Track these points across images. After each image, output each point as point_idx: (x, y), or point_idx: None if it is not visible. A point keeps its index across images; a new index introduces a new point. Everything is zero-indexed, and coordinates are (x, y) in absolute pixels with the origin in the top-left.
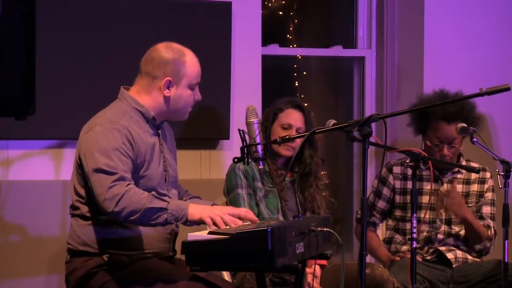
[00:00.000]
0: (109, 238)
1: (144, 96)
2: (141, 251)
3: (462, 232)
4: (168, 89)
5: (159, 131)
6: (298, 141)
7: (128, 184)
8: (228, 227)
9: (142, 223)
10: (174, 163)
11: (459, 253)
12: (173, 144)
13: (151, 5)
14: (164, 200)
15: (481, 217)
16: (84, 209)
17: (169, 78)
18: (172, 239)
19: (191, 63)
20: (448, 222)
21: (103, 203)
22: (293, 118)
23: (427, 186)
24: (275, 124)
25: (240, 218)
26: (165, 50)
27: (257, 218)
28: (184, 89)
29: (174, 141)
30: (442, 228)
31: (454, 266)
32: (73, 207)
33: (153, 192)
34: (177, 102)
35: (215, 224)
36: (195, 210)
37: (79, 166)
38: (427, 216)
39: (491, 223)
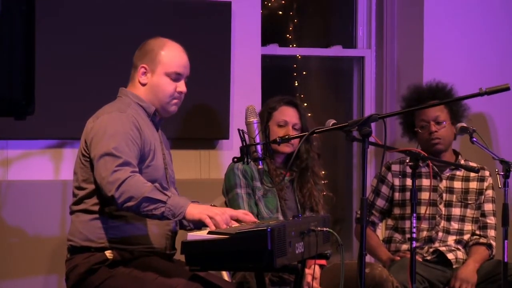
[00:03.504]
0: (112, 232)
1: (132, 88)
2: (143, 246)
3: (466, 237)
4: (145, 76)
5: (159, 129)
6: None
7: (133, 171)
8: (228, 227)
9: (139, 212)
10: (172, 165)
11: (460, 254)
12: (169, 149)
13: (151, 5)
14: (166, 194)
15: (483, 215)
16: (89, 202)
17: (144, 65)
18: (172, 237)
19: (169, 53)
20: (448, 219)
21: (105, 186)
22: (288, 114)
23: (426, 183)
24: (270, 123)
25: (238, 220)
26: (148, 42)
27: (255, 219)
28: (160, 76)
29: (169, 147)
30: (442, 225)
31: (454, 266)
32: (76, 203)
33: (156, 184)
34: (156, 90)
35: (214, 223)
36: (194, 209)
37: (84, 157)
38: (426, 212)
39: (493, 236)
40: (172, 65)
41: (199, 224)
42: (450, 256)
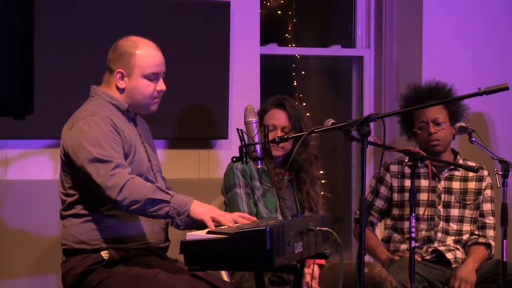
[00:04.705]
0: (105, 233)
1: (107, 89)
2: (137, 243)
3: (465, 237)
4: (122, 80)
5: (136, 123)
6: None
7: (129, 173)
8: (226, 226)
9: (144, 213)
10: (155, 155)
11: (459, 253)
12: (151, 138)
13: (150, 4)
14: (168, 193)
15: (482, 215)
16: (78, 207)
17: (120, 70)
18: (165, 230)
19: (144, 53)
20: (446, 219)
21: (105, 192)
22: (276, 118)
23: (424, 184)
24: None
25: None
26: (120, 44)
27: (254, 218)
28: (138, 79)
29: (151, 134)
30: (440, 225)
31: (453, 266)
32: (65, 209)
33: (157, 184)
34: (134, 93)
35: (218, 224)
36: (198, 208)
37: (66, 165)
38: (425, 213)
39: (492, 236)
40: (148, 66)
41: (197, 225)
42: (449, 255)
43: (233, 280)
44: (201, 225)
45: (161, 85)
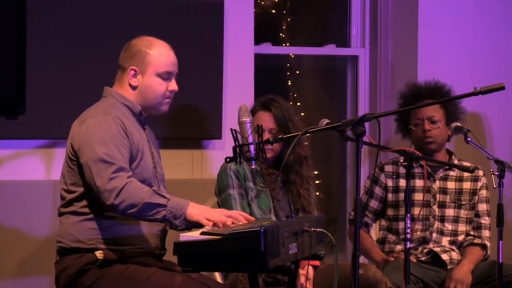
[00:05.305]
0: (102, 233)
1: (120, 89)
2: (133, 246)
3: (460, 238)
4: (135, 77)
5: (145, 128)
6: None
7: (129, 176)
8: (221, 227)
9: (141, 217)
10: (161, 163)
11: (454, 255)
12: (157, 146)
13: (144, 4)
14: (165, 197)
15: (477, 215)
16: (78, 205)
17: (134, 67)
18: (162, 237)
19: (158, 52)
20: (442, 219)
21: (103, 194)
22: (263, 120)
23: (419, 184)
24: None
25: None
26: (134, 42)
27: (251, 218)
28: (151, 77)
29: (156, 142)
30: (436, 226)
31: (448, 267)
32: (64, 205)
33: (154, 188)
34: (147, 91)
35: (214, 224)
36: (194, 210)
37: (72, 161)
38: (420, 213)
39: (487, 236)
40: (162, 64)
41: (195, 225)
42: (444, 256)
43: (227, 281)
44: (199, 225)
45: (173, 85)
